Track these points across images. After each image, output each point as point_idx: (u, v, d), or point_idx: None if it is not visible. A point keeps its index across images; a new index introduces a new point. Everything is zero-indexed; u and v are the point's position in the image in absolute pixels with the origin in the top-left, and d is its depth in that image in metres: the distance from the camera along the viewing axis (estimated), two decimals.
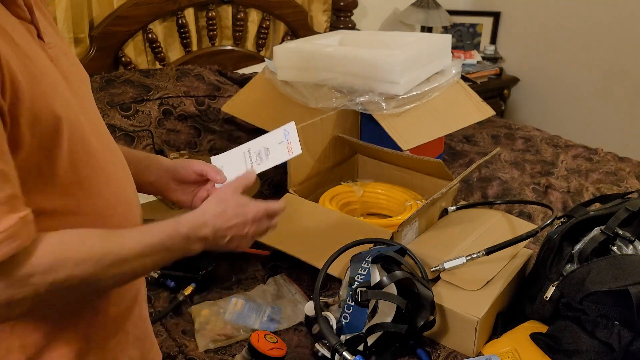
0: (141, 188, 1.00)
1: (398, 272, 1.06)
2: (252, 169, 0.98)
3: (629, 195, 1.28)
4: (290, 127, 1.00)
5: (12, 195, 0.63)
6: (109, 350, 0.82)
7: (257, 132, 1.58)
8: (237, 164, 1.00)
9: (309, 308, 1.12)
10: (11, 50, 0.64)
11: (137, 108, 1.84)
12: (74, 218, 0.73)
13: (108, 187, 0.78)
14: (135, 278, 0.82)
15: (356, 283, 1.03)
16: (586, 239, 1.15)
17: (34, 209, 0.68)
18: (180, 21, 2.20)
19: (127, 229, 0.76)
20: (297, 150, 0.98)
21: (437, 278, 1.19)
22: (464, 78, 1.88)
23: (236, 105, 1.82)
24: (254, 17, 2.44)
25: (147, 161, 1.00)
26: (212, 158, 1.03)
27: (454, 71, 1.78)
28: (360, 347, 1.03)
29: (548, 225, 1.20)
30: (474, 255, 1.17)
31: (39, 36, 0.74)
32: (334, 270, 1.17)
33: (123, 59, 2.11)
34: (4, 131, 0.63)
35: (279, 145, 0.99)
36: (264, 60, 2.24)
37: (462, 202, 1.50)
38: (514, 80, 3.17)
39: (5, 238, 0.61)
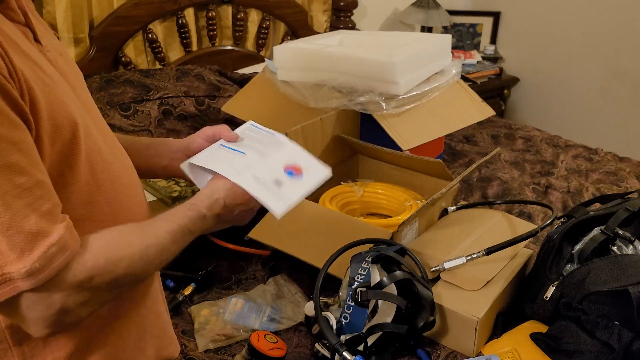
0: (155, 173, 1.02)
1: (398, 273, 1.06)
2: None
3: (629, 195, 1.28)
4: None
5: (56, 204, 0.64)
6: (129, 351, 0.83)
7: None
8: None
9: (309, 308, 1.12)
10: (22, 60, 0.64)
11: (137, 108, 1.84)
12: (95, 225, 0.74)
13: (123, 190, 0.79)
14: (167, 262, 0.82)
15: (356, 283, 1.02)
16: (586, 239, 1.14)
17: None
18: (180, 21, 2.20)
19: (154, 218, 0.78)
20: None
21: (437, 278, 1.19)
22: (464, 78, 1.88)
23: (236, 105, 1.81)
24: (254, 17, 2.44)
25: (155, 146, 1.00)
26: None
27: (454, 71, 1.78)
28: (360, 347, 1.03)
29: (548, 225, 1.20)
30: (474, 255, 1.17)
31: (36, 39, 0.74)
32: (334, 270, 1.17)
33: (123, 59, 2.11)
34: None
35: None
36: (264, 60, 2.24)
37: (462, 202, 1.50)
38: (514, 80, 3.17)
39: (59, 249, 0.63)
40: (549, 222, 1.20)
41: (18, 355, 0.72)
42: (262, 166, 0.89)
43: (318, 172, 0.95)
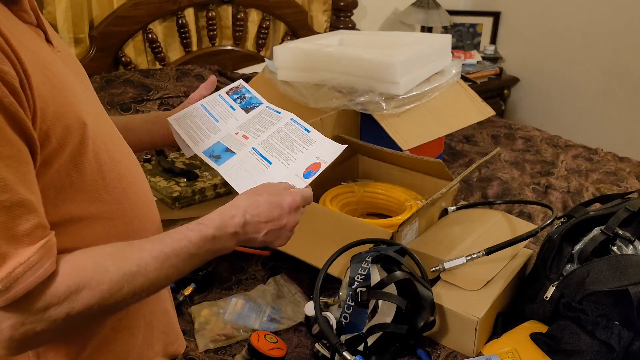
0: (155, 144, 1.08)
1: (398, 273, 1.06)
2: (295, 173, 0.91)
3: (629, 195, 1.28)
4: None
5: (36, 225, 0.61)
6: (137, 346, 0.84)
7: None
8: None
9: (309, 308, 1.12)
10: (32, 63, 0.63)
11: (137, 108, 1.84)
12: (103, 223, 0.73)
13: (130, 188, 0.78)
14: (160, 289, 0.76)
15: (356, 283, 1.02)
16: (586, 239, 1.14)
17: (67, 217, 0.68)
18: (180, 21, 2.20)
19: (147, 239, 0.72)
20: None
21: (437, 278, 1.19)
22: (464, 78, 1.88)
23: None
24: (254, 17, 2.44)
25: (152, 119, 1.06)
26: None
27: (454, 71, 1.78)
28: (360, 347, 1.03)
29: (548, 225, 1.20)
30: (474, 255, 1.17)
31: (47, 40, 0.74)
32: (334, 270, 1.17)
33: (123, 59, 2.11)
34: (32, 158, 0.62)
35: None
36: (264, 60, 2.25)
37: (462, 202, 1.50)
38: (514, 80, 3.17)
39: (26, 269, 0.59)
40: (549, 222, 1.20)
41: (32, 351, 0.73)
42: (284, 176, 0.91)
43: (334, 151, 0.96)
